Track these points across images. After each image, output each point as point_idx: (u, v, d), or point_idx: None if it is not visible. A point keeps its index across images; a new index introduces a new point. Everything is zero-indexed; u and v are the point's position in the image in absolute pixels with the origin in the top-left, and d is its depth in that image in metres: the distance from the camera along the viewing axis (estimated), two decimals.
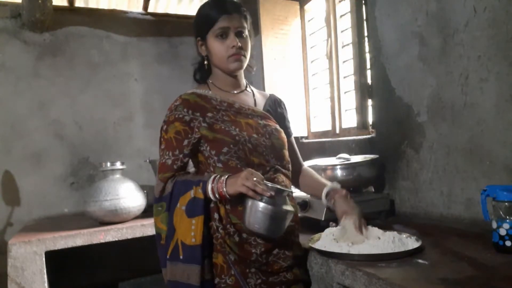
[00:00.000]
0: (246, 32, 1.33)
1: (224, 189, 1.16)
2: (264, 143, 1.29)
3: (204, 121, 1.26)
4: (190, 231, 1.18)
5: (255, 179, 1.13)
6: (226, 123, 1.27)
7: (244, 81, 1.43)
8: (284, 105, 1.53)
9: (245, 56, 1.32)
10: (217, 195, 1.18)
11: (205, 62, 1.37)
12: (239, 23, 1.30)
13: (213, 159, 1.25)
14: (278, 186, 1.16)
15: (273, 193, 1.12)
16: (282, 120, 1.47)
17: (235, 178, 1.16)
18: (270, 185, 1.14)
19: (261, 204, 1.12)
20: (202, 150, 1.28)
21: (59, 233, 1.89)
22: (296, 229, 1.31)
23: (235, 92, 1.38)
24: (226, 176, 1.18)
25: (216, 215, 1.23)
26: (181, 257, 1.18)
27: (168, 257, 1.21)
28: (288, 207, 1.16)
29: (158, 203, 1.27)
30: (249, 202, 1.14)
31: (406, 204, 1.77)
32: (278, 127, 1.38)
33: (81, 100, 2.73)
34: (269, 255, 1.22)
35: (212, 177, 1.20)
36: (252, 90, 1.45)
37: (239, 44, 1.29)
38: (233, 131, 1.25)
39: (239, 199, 1.18)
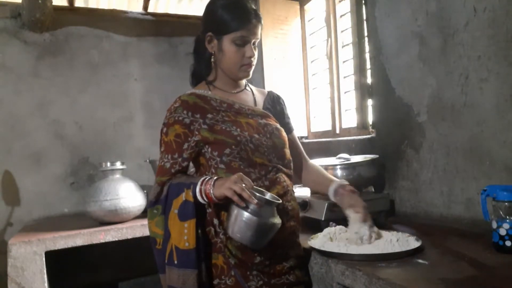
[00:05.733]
0: None
1: (211, 191, 1.12)
2: (265, 142, 1.27)
3: (204, 123, 1.24)
4: (182, 235, 1.15)
5: (243, 184, 1.08)
6: (227, 123, 1.25)
7: (244, 81, 1.42)
8: (283, 101, 1.51)
9: (254, 65, 1.33)
10: (204, 198, 1.14)
11: (212, 60, 1.33)
12: (258, 34, 1.29)
13: (215, 161, 1.24)
14: (267, 197, 1.11)
15: (258, 202, 1.06)
16: (281, 116, 1.45)
17: (223, 180, 1.12)
18: (258, 194, 1.08)
19: (246, 214, 1.06)
20: (203, 153, 1.26)
21: (59, 233, 1.89)
22: (297, 229, 1.31)
23: (235, 91, 1.37)
24: (215, 178, 1.15)
25: (215, 220, 1.21)
26: (175, 262, 1.15)
27: (166, 261, 1.18)
28: (275, 220, 1.10)
29: (153, 206, 1.25)
30: (235, 210, 1.09)
31: (406, 204, 1.77)
32: (278, 126, 1.36)
33: (81, 100, 2.73)
34: (272, 256, 1.21)
35: (202, 178, 1.15)
36: (251, 89, 1.44)
37: (255, 54, 1.29)
38: (234, 132, 1.23)
39: (227, 204, 1.14)
